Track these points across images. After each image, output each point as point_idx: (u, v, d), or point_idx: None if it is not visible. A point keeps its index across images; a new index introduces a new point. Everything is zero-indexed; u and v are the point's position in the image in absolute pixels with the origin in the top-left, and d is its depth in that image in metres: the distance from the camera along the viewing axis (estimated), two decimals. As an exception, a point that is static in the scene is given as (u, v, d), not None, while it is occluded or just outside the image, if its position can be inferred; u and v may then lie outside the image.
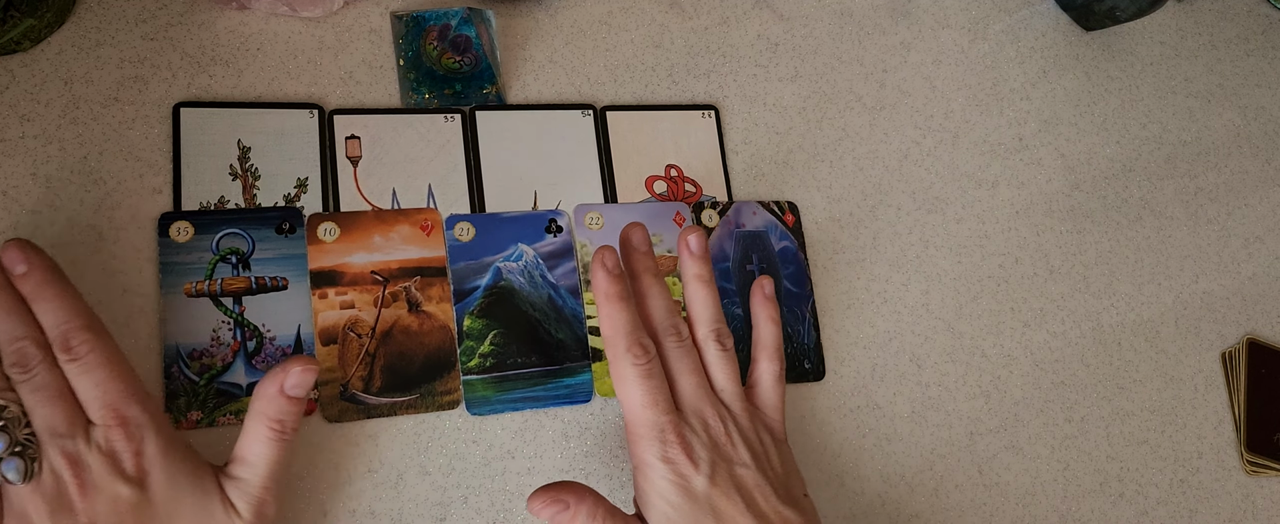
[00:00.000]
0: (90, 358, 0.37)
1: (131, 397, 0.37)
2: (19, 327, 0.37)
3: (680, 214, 0.54)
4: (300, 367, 0.39)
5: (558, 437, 0.49)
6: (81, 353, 0.37)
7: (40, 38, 0.46)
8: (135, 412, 0.37)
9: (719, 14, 0.59)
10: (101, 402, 0.37)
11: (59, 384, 0.37)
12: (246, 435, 0.39)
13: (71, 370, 0.37)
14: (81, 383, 0.37)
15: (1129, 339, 0.61)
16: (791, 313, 0.54)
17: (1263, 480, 0.61)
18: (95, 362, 0.37)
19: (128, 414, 0.37)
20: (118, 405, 0.37)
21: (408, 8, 0.53)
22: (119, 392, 0.37)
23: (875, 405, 0.54)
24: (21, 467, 0.35)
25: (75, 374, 0.37)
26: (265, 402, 0.39)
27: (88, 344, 0.37)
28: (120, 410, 0.37)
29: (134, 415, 0.37)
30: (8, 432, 0.35)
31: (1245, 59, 0.72)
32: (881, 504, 0.53)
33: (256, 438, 0.39)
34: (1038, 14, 0.67)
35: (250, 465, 0.39)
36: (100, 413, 0.37)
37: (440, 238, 0.49)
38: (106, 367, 0.37)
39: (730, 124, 0.57)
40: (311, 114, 0.49)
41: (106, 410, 0.37)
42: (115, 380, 0.37)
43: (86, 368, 0.37)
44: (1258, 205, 0.68)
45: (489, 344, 0.48)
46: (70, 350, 0.37)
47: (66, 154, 0.46)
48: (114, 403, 0.37)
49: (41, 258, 0.39)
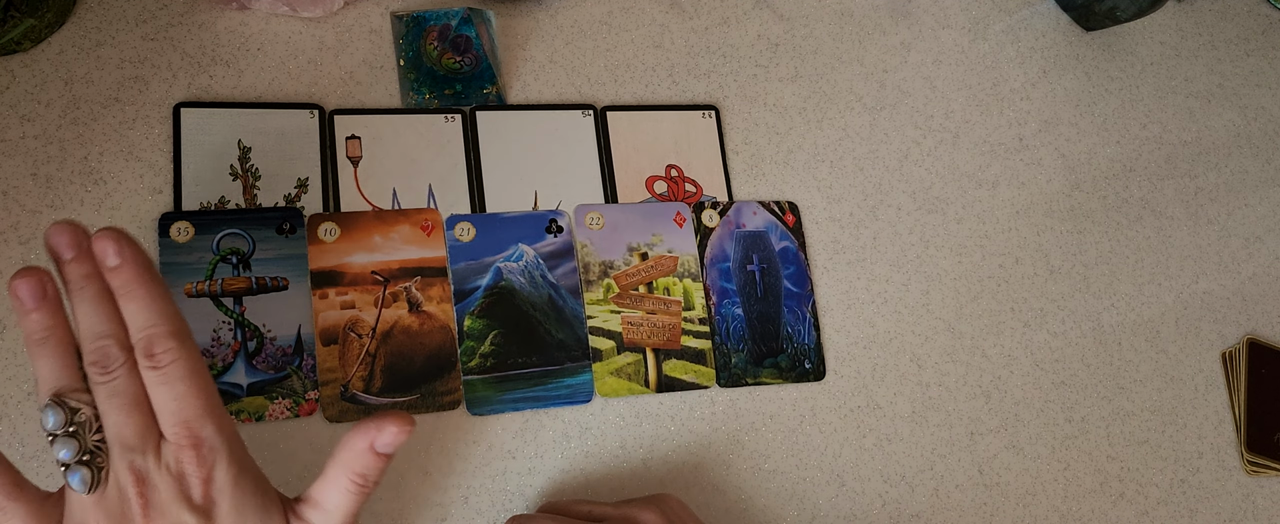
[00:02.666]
0: (173, 368, 0.35)
1: (209, 415, 0.35)
2: (104, 323, 0.35)
3: (680, 214, 0.54)
4: (396, 426, 0.37)
5: (558, 437, 0.49)
6: (165, 362, 0.35)
7: (40, 38, 0.46)
8: (211, 432, 0.35)
9: (719, 14, 0.59)
10: (177, 417, 0.35)
11: (136, 392, 0.35)
12: (327, 482, 0.38)
13: (151, 378, 0.35)
14: (160, 393, 0.35)
15: (1129, 339, 0.61)
16: (792, 313, 0.54)
17: (1263, 480, 0.61)
18: (177, 373, 0.35)
19: (202, 435, 0.35)
20: (193, 424, 0.35)
21: (408, 8, 0.53)
22: (197, 409, 0.35)
23: (876, 405, 0.54)
24: (88, 477, 0.34)
25: (155, 383, 0.35)
26: (353, 455, 0.37)
27: (173, 353, 0.35)
28: (195, 430, 0.35)
29: (209, 437, 0.35)
30: (78, 438, 0.34)
31: (1245, 59, 0.72)
32: (882, 504, 0.53)
33: (337, 488, 0.37)
34: (1038, 14, 0.67)
35: (326, 513, 0.37)
36: (174, 429, 0.35)
37: (441, 238, 0.49)
38: (188, 380, 0.35)
39: (730, 124, 0.57)
40: (312, 114, 0.49)
41: (181, 427, 0.35)
42: (195, 396, 0.35)
43: (167, 379, 0.35)
44: (1258, 205, 0.68)
45: (489, 344, 0.48)
46: (153, 357, 0.35)
47: (66, 154, 0.46)
48: (190, 420, 0.35)
49: (136, 251, 0.36)
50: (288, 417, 0.45)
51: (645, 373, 0.50)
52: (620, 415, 0.50)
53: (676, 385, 0.51)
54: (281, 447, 0.45)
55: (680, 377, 0.51)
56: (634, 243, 0.52)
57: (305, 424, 0.45)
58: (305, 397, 0.45)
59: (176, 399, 0.35)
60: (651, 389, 0.50)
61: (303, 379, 0.45)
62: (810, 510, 0.51)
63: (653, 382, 0.50)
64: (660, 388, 0.51)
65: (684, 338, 0.52)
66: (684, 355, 0.51)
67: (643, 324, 0.51)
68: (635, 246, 0.52)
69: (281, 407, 0.45)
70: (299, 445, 0.45)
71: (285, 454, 0.45)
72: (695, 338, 0.52)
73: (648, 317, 0.51)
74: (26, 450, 0.42)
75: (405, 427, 0.37)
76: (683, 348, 0.51)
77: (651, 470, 0.49)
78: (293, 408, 0.45)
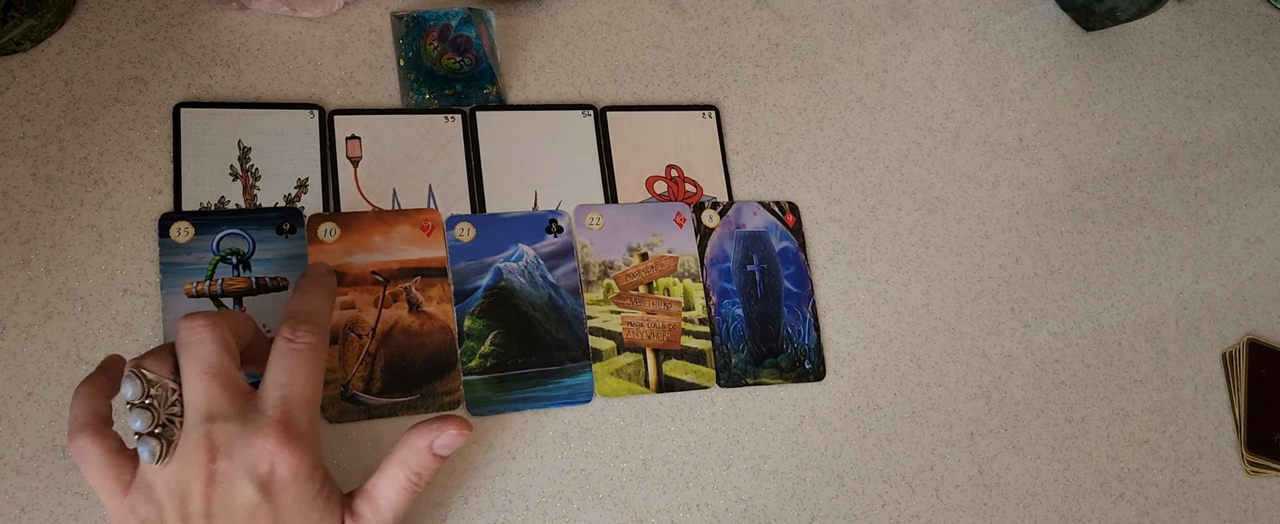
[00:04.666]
0: (305, 350, 0.37)
1: (307, 404, 0.37)
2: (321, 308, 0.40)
3: (680, 214, 0.54)
4: (455, 429, 0.39)
5: (558, 437, 0.49)
6: (301, 339, 0.37)
7: (40, 38, 0.46)
8: (305, 419, 0.37)
9: (719, 14, 0.59)
10: (283, 391, 0.36)
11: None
12: (383, 478, 0.39)
13: (281, 349, 0.37)
14: (279, 365, 0.37)
15: (1129, 339, 0.61)
16: (792, 313, 0.54)
17: (1263, 480, 0.61)
18: (306, 356, 0.37)
19: (295, 416, 0.36)
20: (293, 404, 0.36)
21: (408, 8, 0.53)
22: (302, 393, 0.37)
23: (876, 405, 0.54)
24: (158, 448, 0.35)
25: (282, 354, 0.37)
26: (411, 453, 0.39)
27: (311, 337, 0.37)
28: (292, 410, 0.36)
29: (300, 420, 0.36)
30: (153, 409, 0.35)
31: (1245, 59, 0.72)
32: (882, 504, 0.53)
33: (393, 485, 0.39)
34: (1038, 14, 0.67)
35: (378, 509, 0.39)
36: (275, 401, 0.36)
37: (441, 238, 0.49)
38: (310, 366, 0.37)
39: (730, 124, 0.57)
40: (312, 114, 0.49)
41: (281, 403, 0.36)
42: (307, 382, 0.37)
43: (295, 353, 0.37)
44: (1258, 205, 0.68)
45: (489, 344, 0.48)
46: (295, 333, 0.37)
47: (66, 154, 0.46)
48: (291, 398, 0.36)
49: (330, 273, 0.42)
50: (288, 417, 0.45)
51: (645, 373, 0.50)
52: (620, 415, 0.50)
53: (676, 385, 0.51)
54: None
55: (680, 377, 0.51)
56: (634, 243, 0.52)
57: (305, 424, 0.45)
58: (305, 397, 0.45)
59: (290, 373, 0.37)
60: (651, 389, 0.50)
61: (303, 379, 0.45)
62: (810, 510, 0.51)
63: (653, 382, 0.50)
64: (660, 388, 0.51)
65: (684, 338, 0.52)
66: (684, 356, 0.51)
67: (643, 324, 0.51)
68: (635, 247, 0.52)
69: (281, 407, 0.45)
70: (299, 446, 0.45)
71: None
72: (695, 338, 0.52)
73: (648, 317, 0.51)
74: (27, 451, 0.42)
75: (463, 430, 0.40)
76: (683, 348, 0.51)
77: (651, 470, 0.49)
78: (293, 408, 0.45)
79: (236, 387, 0.36)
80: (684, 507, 0.49)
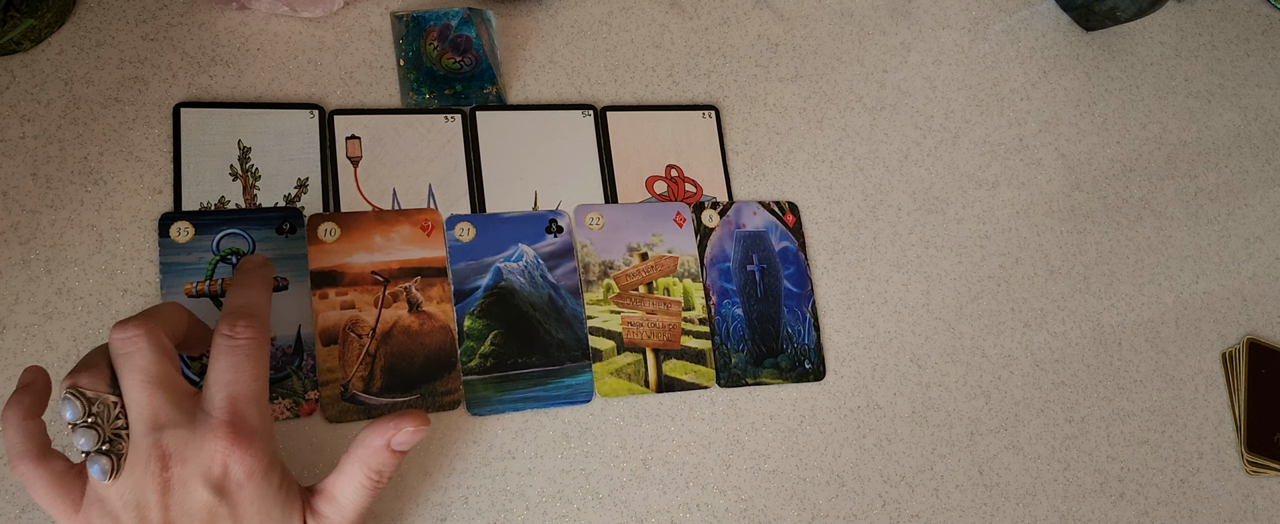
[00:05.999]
0: (245, 345, 0.36)
1: (254, 400, 0.36)
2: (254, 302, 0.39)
3: (680, 214, 0.54)
4: (413, 425, 0.39)
5: (558, 437, 0.49)
6: (241, 334, 0.36)
7: (40, 38, 0.46)
8: (253, 415, 0.36)
9: (719, 14, 0.59)
10: (228, 390, 0.35)
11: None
12: (342, 476, 0.39)
13: (222, 347, 0.36)
14: (221, 364, 0.36)
15: (1129, 339, 0.61)
16: (792, 313, 0.54)
17: (1263, 480, 0.61)
18: (247, 351, 0.36)
19: (245, 414, 0.35)
20: (240, 402, 0.35)
21: (408, 8, 0.53)
22: (248, 390, 0.36)
23: (875, 405, 0.54)
24: (108, 465, 0.34)
25: (223, 352, 0.36)
26: (369, 452, 0.38)
27: (251, 331, 0.36)
28: (240, 408, 0.35)
29: (250, 418, 0.36)
30: (97, 427, 0.34)
31: (1245, 59, 0.72)
32: (881, 504, 0.53)
33: (352, 483, 0.38)
34: (1038, 14, 0.67)
35: (340, 507, 0.38)
36: (221, 401, 0.35)
37: (441, 238, 0.49)
38: (252, 362, 0.36)
39: (730, 124, 0.57)
40: (312, 114, 0.49)
41: (228, 402, 0.35)
42: (252, 379, 0.36)
43: (236, 351, 0.36)
44: (1258, 205, 0.68)
45: (489, 344, 0.48)
46: (234, 329, 0.36)
47: (66, 154, 0.46)
48: (238, 397, 0.35)
49: (267, 265, 0.41)
50: (288, 417, 0.45)
51: (645, 373, 0.51)
52: (620, 415, 0.50)
53: (676, 385, 0.51)
54: (282, 447, 0.45)
55: (680, 377, 0.51)
56: (634, 243, 0.52)
57: (305, 424, 0.45)
58: (305, 397, 0.45)
59: (234, 370, 0.36)
60: (651, 389, 0.50)
61: (302, 379, 0.45)
62: (810, 510, 0.51)
63: (653, 382, 0.50)
64: (660, 388, 0.51)
65: (684, 338, 0.52)
66: (684, 355, 0.51)
67: (643, 324, 0.51)
68: (635, 247, 0.52)
69: (281, 407, 0.45)
70: (299, 445, 0.45)
71: (285, 454, 0.45)
72: (695, 338, 0.52)
73: (648, 317, 0.51)
74: (26, 450, 0.42)
75: (421, 425, 0.39)
76: (683, 348, 0.51)
77: (651, 470, 0.49)
78: (293, 408, 0.45)
79: (180, 390, 0.35)
80: (684, 507, 0.49)
